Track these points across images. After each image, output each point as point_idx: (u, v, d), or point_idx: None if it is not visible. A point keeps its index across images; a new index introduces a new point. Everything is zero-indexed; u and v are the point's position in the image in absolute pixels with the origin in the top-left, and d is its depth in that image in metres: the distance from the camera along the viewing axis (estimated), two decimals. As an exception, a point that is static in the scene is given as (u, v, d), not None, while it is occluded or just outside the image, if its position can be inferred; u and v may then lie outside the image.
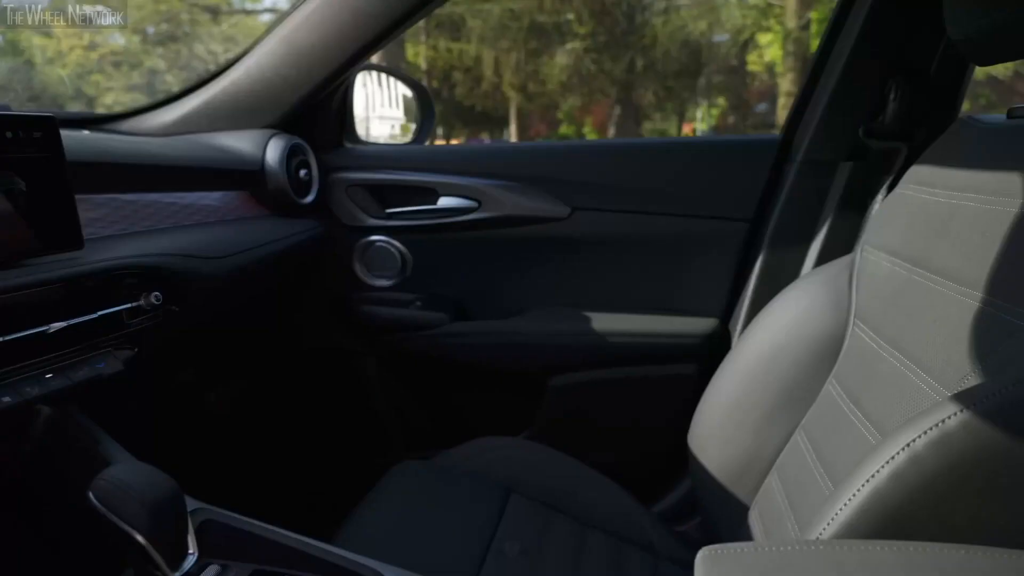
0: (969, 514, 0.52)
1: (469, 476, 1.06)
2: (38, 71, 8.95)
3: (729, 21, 10.97)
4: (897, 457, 0.53)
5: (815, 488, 0.76)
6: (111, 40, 10.21)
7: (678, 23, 10.65)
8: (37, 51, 9.08)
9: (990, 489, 0.52)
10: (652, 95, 12.05)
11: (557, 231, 1.30)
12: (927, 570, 0.46)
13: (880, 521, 0.53)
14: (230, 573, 0.63)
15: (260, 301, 1.25)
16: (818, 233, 1.17)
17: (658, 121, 12.65)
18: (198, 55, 10.61)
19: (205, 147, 1.11)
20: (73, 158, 0.69)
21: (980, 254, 0.64)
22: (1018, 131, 0.70)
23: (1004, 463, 0.51)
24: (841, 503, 0.56)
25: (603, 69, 11.64)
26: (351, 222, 1.31)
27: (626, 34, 11.27)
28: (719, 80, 12.04)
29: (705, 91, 12.20)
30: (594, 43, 11.33)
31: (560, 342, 1.32)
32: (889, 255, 0.82)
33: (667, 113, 12.54)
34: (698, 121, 12.51)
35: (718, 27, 11.07)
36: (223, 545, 0.63)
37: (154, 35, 10.43)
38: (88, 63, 9.52)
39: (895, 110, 1.08)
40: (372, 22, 1.11)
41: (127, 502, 0.49)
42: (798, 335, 0.91)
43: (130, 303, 0.72)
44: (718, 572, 0.47)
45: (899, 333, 0.74)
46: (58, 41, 9.02)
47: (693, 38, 10.92)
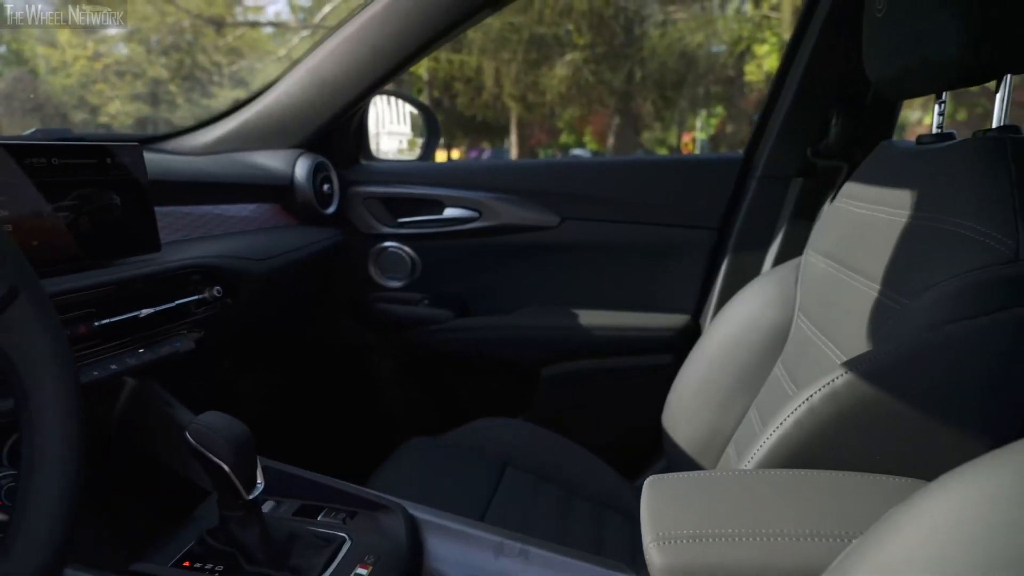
0: (852, 450, 0.67)
1: (470, 451, 1.16)
2: (42, 80, 8.99)
3: (726, 33, 10.97)
4: (798, 409, 0.69)
5: None
6: (115, 50, 10.22)
7: (675, 35, 10.62)
8: (41, 61, 9.11)
9: (867, 431, 0.67)
10: (651, 105, 12.00)
11: (548, 238, 1.41)
12: (806, 485, 0.62)
13: (786, 458, 0.69)
14: (283, 507, 0.78)
15: (292, 298, 1.37)
16: (775, 239, 1.29)
17: (658, 130, 12.58)
18: (200, 65, 10.59)
19: (243, 164, 1.25)
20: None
21: (881, 254, 0.79)
22: (921, 155, 0.84)
23: (877, 411, 0.66)
24: (757, 445, 0.71)
25: (602, 80, 11.57)
26: (367, 230, 1.43)
27: (624, 46, 11.20)
28: (717, 90, 11.96)
29: (704, 101, 12.15)
30: (593, 54, 11.25)
31: (551, 336, 1.43)
32: (825, 257, 0.96)
33: (667, 122, 12.49)
34: (697, 130, 12.42)
35: (715, 39, 11.07)
36: (275, 485, 0.78)
37: (157, 45, 10.39)
38: (92, 73, 9.50)
39: (837, 134, 1.22)
40: (387, 58, 1.23)
41: (216, 441, 0.64)
42: (753, 327, 1.04)
43: (197, 295, 0.88)
44: (657, 490, 0.62)
45: (826, 321, 0.89)
46: (63, 51, 9.06)
47: (690, 49, 10.91)
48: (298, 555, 0.69)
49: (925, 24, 0.73)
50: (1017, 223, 0.64)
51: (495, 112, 12.19)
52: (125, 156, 0.81)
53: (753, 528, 0.55)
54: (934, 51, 0.73)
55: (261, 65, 11.42)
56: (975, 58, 0.71)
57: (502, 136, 12.96)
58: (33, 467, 0.43)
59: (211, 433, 0.64)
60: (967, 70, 0.72)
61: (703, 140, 12.22)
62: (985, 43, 0.70)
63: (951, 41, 0.70)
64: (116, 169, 0.80)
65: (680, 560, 0.54)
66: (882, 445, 0.67)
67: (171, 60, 10.38)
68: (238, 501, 0.66)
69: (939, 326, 0.65)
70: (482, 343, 1.45)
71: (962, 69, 0.72)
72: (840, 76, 1.20)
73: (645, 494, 0.62)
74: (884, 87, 0.88)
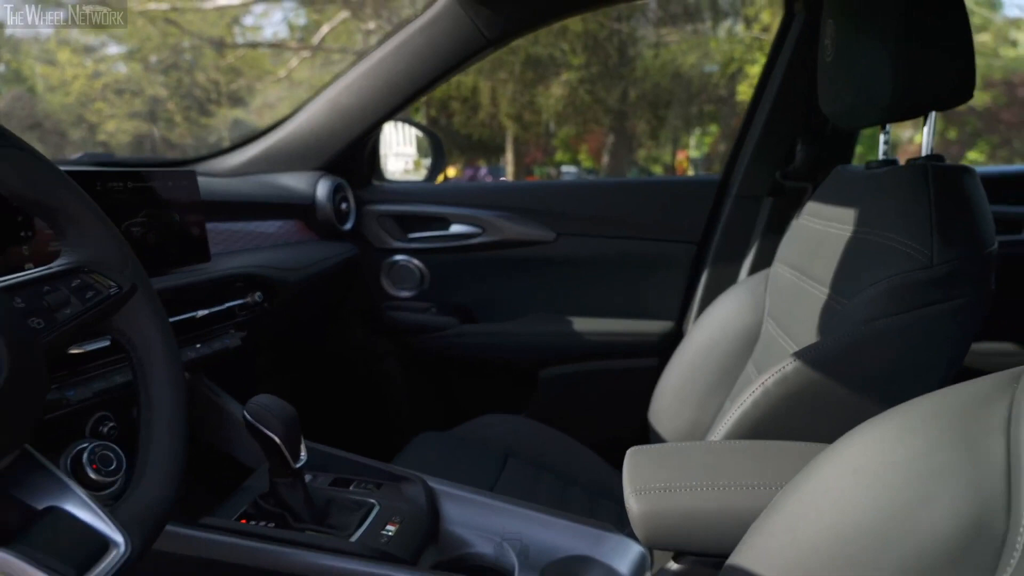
0: (799, 424, 0.80)
1: (475, 444, 1.26)
2: (40, 99, 9.07)
3: (718, 53, 11.12)
4: (756, 391, 0.82)
5: None
6: (114, 69, 10.30)
7: (668, 56, 10.77)
8: (40, 80, 9.19)
9: (811, 408, 0.80)
10: (645, 124, 12.13)
11: (545, 252, 1.53)
12: (759, 450, 0.75)
13: (745, 430, 0.82)
14: (319, 479, 0.91)
15: (317, 306, 1.48)
16: (749, 252, 1.41)
17: (653, 149, 12.72)
18: (199, 84, 10.66)
19: (269, 185, 1.37)
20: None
21: (831, 263, 0.92)
22: (868, 178, 0.97)
23: (820, 392, 0.80)
24: (724, 422, 0.84)
25: (597, 99, 11.67)
26: (380, 245, 1.55)
27: (619, 66, 11.31)
28: (710, 109, 12.08)
29: (698, 119, 12.26)
30: (588, 75, 11.35)
31: (548, 341, 1.54)
32: (789, 267, 1.10)
33: (661, 141, 12.59)
34: (691, 148, 12.56)
35: (707, 59, 11.20)
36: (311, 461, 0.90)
37: (156, 64, 10.40)
38: (92, 92, 9.62)
39: (802, 159, 1.36)
40: (399, 91, 1.37)
41: (270, 418, 0.76)
42: (728, 331, 1.16)
43: (240, 300, 1.01)
44: (637, 456, 0.75)
45: (788, 322, 1.02)
46: (62, 70, 9.16)
47: (683, 70, 11.05)
48: (336, 516, 0.81)
49: (864, 69, 0.87)
50: (933, 236, 0.78)
51: (491, 131, 12.23)
52: (183, 180, 0.95)
53: (713, 481, 0.68)
54: (872, 91, 0.87)
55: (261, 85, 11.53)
56: (905, 98, 0.85)
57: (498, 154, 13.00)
58: (152, 429, 0.55)
59: (265, 412, 0.77)
60: (899, 107, 0.86)
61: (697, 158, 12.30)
62: (912, 86, 0.84)
63: (886, 83, 0.84)
64: (176, 191, 0.93)
65: (653, 507, 0.67)
66: (823, 419, 0.80)
67: (170, 79, 10.42)
68: (287, 469, 0.78)
69: (871, 321, 0.78)
70: (485, 347, 1.56)
71: (895, 106, 0.86)
72: (803, 109, 1.33)
73: (627, 460, 0.75)
74: (836, 119, 1.01)
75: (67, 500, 0.46)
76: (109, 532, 0.46)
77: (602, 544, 0.82)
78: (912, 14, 0.83)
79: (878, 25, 0.84)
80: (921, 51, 0.83)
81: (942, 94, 0.86)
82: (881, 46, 0.84)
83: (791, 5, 1.33)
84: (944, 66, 0.84)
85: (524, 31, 1.35)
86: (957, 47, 0.84)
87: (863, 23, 0.87)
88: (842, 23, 0.92)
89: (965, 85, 0.85)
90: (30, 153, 0.52)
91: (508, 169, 12.49)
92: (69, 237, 0.55)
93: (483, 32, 1.31)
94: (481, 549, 0.84)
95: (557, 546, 0.83)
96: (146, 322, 0.57)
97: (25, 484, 0.46)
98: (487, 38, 1.31)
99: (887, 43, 0.83)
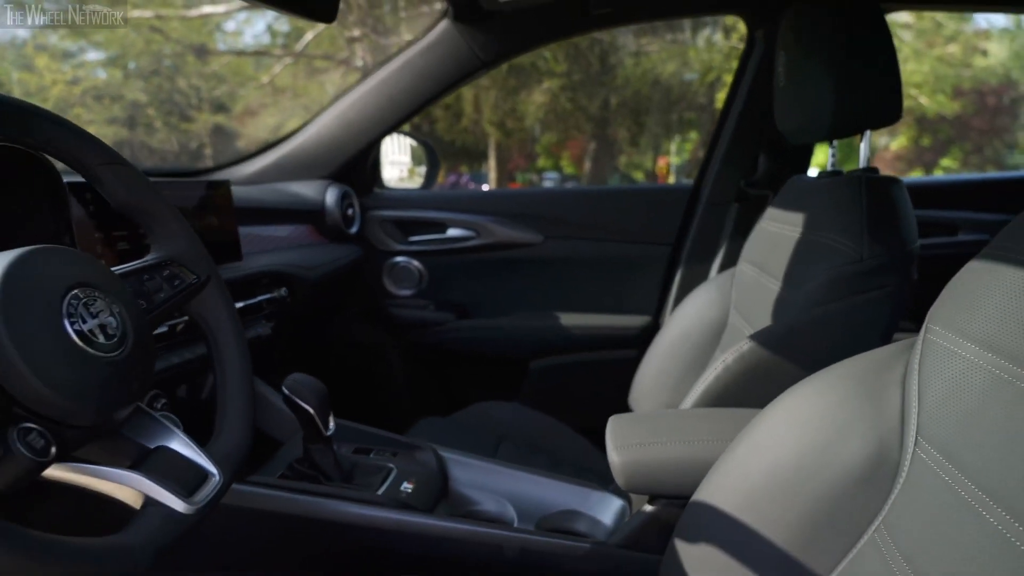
0: (753, 393, 0.94)
1: (472, 429, 1.38)
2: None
3: (697, 62, 11.30)
4: (718, 367, 0.97)
5: None
6: (94, 75, 10.23)
7: (648, 65, 10.95)
8: (16, 86, 9.13)
9: (763, 380, 0.94)
10: (626, 131, 12.29)
11: (534, 253, 1.66)
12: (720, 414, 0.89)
13: (710, 400, 0.96)
14: (342, 448, 1.04)
15: (329, 302, 1.60)
16: (718, 253, 1.55)
17: (634, 155, 12.87)
18: (180, 89, 10.61)
19: (282, 193, 1.49)
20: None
21: (784, 260, 1.07)
22: (816, 186, 1.11)
23: (770, 367, 0.94)
24: (691, 395, 0.99)
25: (579, 107, 11.81)
26: (382, 247, 1.68)
27: (600, 74, 11.45)
28: (691, 116, 12.23)
29: (678, 126, 12.44)
30: (570, 82, 11.50)
31: (537, 335, 1.67)
32: (752, 265, 1.24)
33: (642, 148, 12.73)
34: (672, 155, 12.74)
35: (687, 68, 11.39)
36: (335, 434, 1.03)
37: (136, 70, 10.30)
38: (71, 97, 9.54)
39: (764, 170, 1.51)
40: (400, 107, 1.50)
41: (304, 391, 0.89)
42: (699, 323, 1.30)
43: (268, 295, 1.14)
44: (618, 421, 0.89)
45: (749, 313, 1.17)
46: (40, 76, 9.12)
47: (664, 78, 11.24)
48: (360, 477, 0.95)
49: (810, 94, 1.03)
50: (864, 236, 0.93)
51: (475, 137, 12.27)
52: (219, 188, 1.07)
53: (682, 437, 0.83)
54: (817, 113, 1.02)
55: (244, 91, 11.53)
56: (844, 119, 1.00)
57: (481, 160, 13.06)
58: (227, 389, 0.68)
59: (301, 387, 0.90)
60: (840, 127, 1.02)
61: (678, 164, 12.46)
62: (850, 109, 0.99)
63: (828, 107, 0.99)
64: (215, 198, 1.06)
65: (631, 458, 0.81)
66: (773, 390, 0.93)
67: (150, 84, 10.35)
68: (319, 436, 0.91)
69: (811, 308, 0.93)
70: (479, 341, 1.69)
71: (836, 126, 1.01)
72: (764, 126, 1.48)
73: (609, 424, 0.89)
74: (789, 136, 1.17)
75: (172, 441, 0.59)
76: (207, 466, 0.59)
77: (588, 499, 0.96)
78: (849, 50, 0.98)
79: (821, 59, 1.00)
80: (856, 81, 0.98)
81: (874, 116, 1.01)
82: (824, 76, 0.99)
83: (752, 35, 1.49)
84: (875, 93, 1.00)
85: (515, 54, 1.49)
86: (886, 78, 0.99)
87: (809, 57, 1.03)
88: (792, 55, 1.07)
89: (894, 108, 1.01)
90: (130, 167, 0.65)
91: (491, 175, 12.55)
92: (157, 236, 0.68)
93: (478, 55, 1.45)
94: (486, 506, 0.98)
95: (549, 502, 0.97)
96: (218, 305, 0.70)
97: (140, 429, 0.59)
98: (482, 60, 1.45)
99: (829, 74, 0.99)
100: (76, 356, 0.48)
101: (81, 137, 0.60)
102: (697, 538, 0.68)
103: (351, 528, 0.84)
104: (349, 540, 0.85)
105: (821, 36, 1.01)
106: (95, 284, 0.53)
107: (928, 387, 0.54)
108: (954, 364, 0.52)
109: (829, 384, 0.64)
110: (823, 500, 0.58)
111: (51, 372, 0.46)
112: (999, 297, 0.50)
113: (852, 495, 0.56)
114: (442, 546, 0.83)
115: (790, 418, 0.65)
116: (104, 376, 0.50)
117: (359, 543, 0.85)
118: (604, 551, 0.84)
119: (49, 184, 0.78)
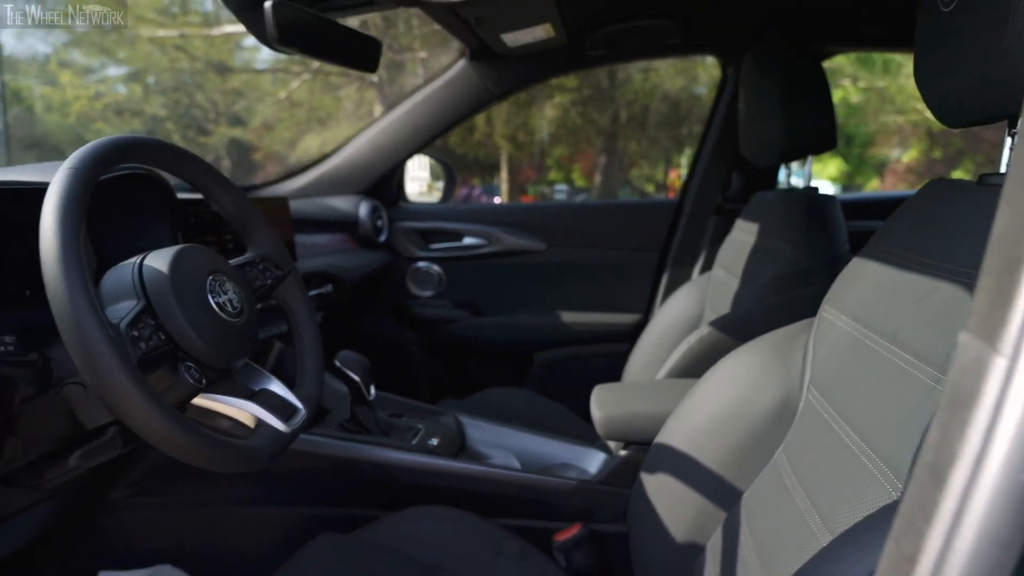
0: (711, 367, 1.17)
1: (484, 409, 1.57)
2: (39, 119, 9.29)
3: (706, 77, 11.45)
4: (683, 346, 1.20)
5: None
6: (115, 90, 10.53)
7: (656, 80, 11.14)
8: (39, 101, 9.37)
9: (720, 356, 1.17)
10: (636, 144, 12.44)
11: (539, 259, 1.88)
12: (684, 383, 1.12)
13: (678, 373, 1.19)
14: (379, 413, 1.27)
15: (363, 301, 1.82)
16: (699, 258, 1.77)
17: (645, 168, 13.00)
18: (198, 104, 10.88)
19: (322, 206, 1.74)
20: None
21: (743, 262, 1.30)
22: (774, 200, 1.33)
23: (726, 347, 1.16)
24: (663, 369, 1.22)
25: (589, 120, 11.95)
26: (406, 254, 1.91)
27: (609, 89, 11.62)
28: (700, 129, 12.31)
29: (689, 139, 12.57)
30: (580, 97, 11.67)
31: (541, 330, 1.89)
32: (723, 268, 1.46)
33: (653, 160, 12.83)
34: (683, 167, 12.87)
35: (695, 83, 11.55)
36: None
37: (156, 85, 10.53)
38: (92, 112, 9.86)
39: (737, 186, 1.74)
40: (425, 132, 1.74)
41: (353, 364, 1.13)
42: (681, 318, 1.52)
43: (317, 290, 1.38)
44: (600, 390, 1.12)
45: (718, 307, 1.39)
46: (63, 91, 9.41)
47: (672, 93, 11.41)
48: (396, 434, 1.18)
49: (764, 122, 1.26)
50: (802, 242, 1.16)
51: (487, 151, 12.40)
52: (281, 202, 1.32)
53: (652, 397, 1.05)
54: (770, 140, 1.25)
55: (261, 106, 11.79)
56: (791, 146, 1.23)
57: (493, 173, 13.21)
58: (304, 356, 0.92)
59: (350, 360, 1.13)
60: (788, 152, 1.24)
61: (687, 176, 12.48)
62: (795, 138, 1.22)
63: (778, 136, 1.22)
64: (276, 211, 1.30)
65: (610, 412, 1.04)
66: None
67: (170, 99, 10.56)
68: (364, 400, 1.15)
69: (760, 300, 1.16)
70: (491, 336, 1.91)
71: (785, 151, 1.24)
72: (735, 149, 1.70)
73: (594, 393, 1.12)
74: (751, 158, 1.40)
75: (272, 384, 0.83)
76: (296, 403, 0.83)
77: (577, 453, 1.19)
78: (792, 91, 1.21)
79: (771, 96, 1.23)
80: (799, 115, 1.21)
81: (815, 143, 1.24)
82: (774, 111, 1.22)
83: (725, 73, 1.72)
84: (815, 125, 1.23)
85: (523, 88, 1.72)
86: (823, 113, 1.22)
87: (762, 95, 1.26)
88: (749, 93, 1.31)
89: (829, 137, 1.23)
90: (233, 185, 0.89)
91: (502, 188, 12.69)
92: (252, 239, 0.92)
93: (490, 88, 1.69)
94: (496, 459, 1.20)
95: (548, 456, 1.19)
96: (297, 293, 0.94)
97: (249, 376, 0.83)
98: (494, 93, 1.70)
99: (777, 109, 1.22)
100: (216, 320, 0.72)
101: (208, 169, 0.84)
102: (657, 471, 0.91)
103: (390, 468, 1.07)
104: (388, 478, 1.08)
105: (771, 78, 1.24)
106: (223, 271, 0.77)
107: (818, 348, 0.77)
108: (834, 331, 0.75)
109: (754, 351, 0.87)
110: (746, 436, 0.81)
111: (202, 330, 0.69)
112: (864, 282, 0.73)
113: (767, 430, 0.79)
114: (461, 481, 1.06)
115: (724, 377, 0.88)
116: (232, 334, 0.74)
117: (396, 481, 1.08)
118: (588, 487, 1.07)
119: (166, 200, 1.03)
